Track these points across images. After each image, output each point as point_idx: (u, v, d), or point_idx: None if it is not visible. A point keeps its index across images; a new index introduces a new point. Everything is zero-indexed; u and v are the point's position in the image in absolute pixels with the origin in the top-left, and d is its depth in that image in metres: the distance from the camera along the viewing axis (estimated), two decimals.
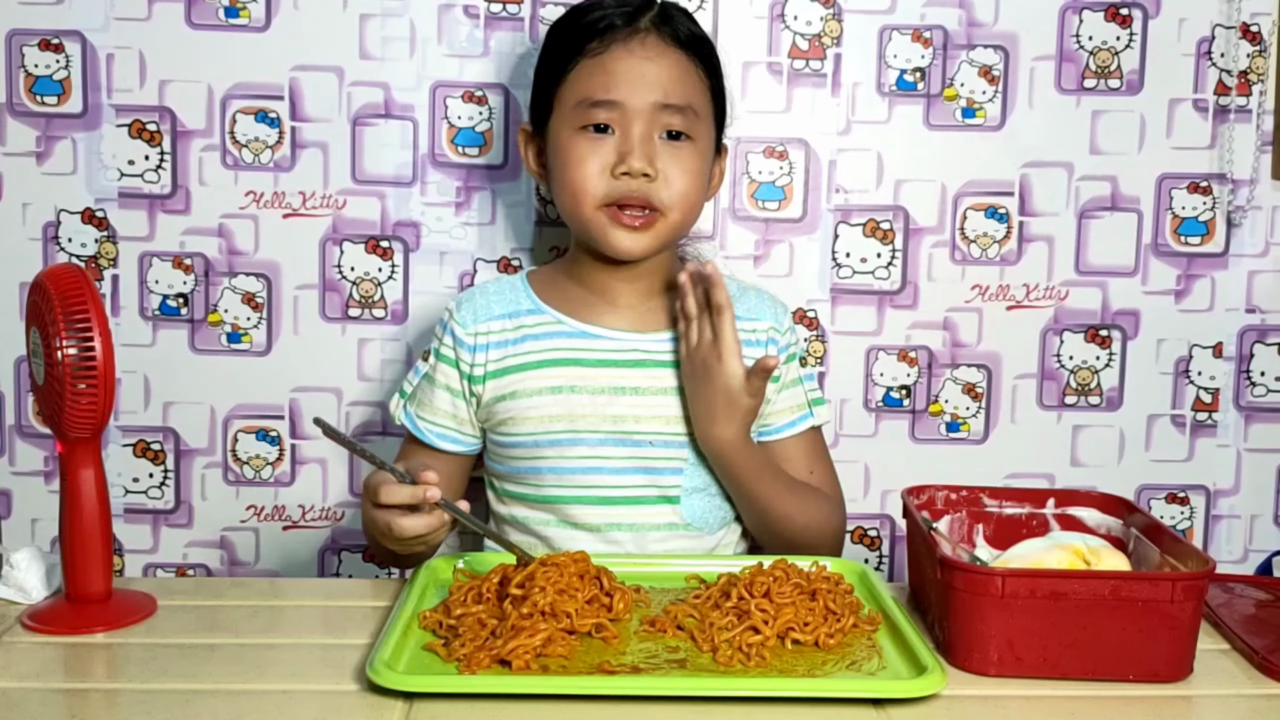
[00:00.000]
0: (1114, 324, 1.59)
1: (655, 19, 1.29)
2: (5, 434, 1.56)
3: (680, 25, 1.30)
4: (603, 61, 1.27)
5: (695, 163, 1.29)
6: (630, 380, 1.30)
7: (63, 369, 1.02)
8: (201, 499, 1.57)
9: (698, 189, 1.30)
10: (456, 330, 1.32)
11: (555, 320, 1.32)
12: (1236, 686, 0.98)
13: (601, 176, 1.26)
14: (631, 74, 1.26)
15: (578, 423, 1.28)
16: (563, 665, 0.95)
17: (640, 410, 1.29)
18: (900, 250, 1.56)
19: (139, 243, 1.53)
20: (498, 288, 1.36)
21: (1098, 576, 0.99)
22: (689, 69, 1.29)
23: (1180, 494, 1.62)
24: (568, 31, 1.31)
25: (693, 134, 1.29)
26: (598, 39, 1.27)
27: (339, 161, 1.52)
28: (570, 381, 1.29)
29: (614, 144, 1.26)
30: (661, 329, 1.33)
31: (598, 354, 1.31)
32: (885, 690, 0.93)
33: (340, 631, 1.06)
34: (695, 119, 1.29)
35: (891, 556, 1.62)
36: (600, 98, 1.26)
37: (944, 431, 1.60)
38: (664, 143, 1.27)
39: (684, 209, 1.29)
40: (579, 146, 1.27)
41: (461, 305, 1.34)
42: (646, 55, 1.27)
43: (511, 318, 1.33)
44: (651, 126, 1.27)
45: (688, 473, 1.31)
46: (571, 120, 1.28)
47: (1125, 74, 1.54)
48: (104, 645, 1.02)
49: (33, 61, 1.50)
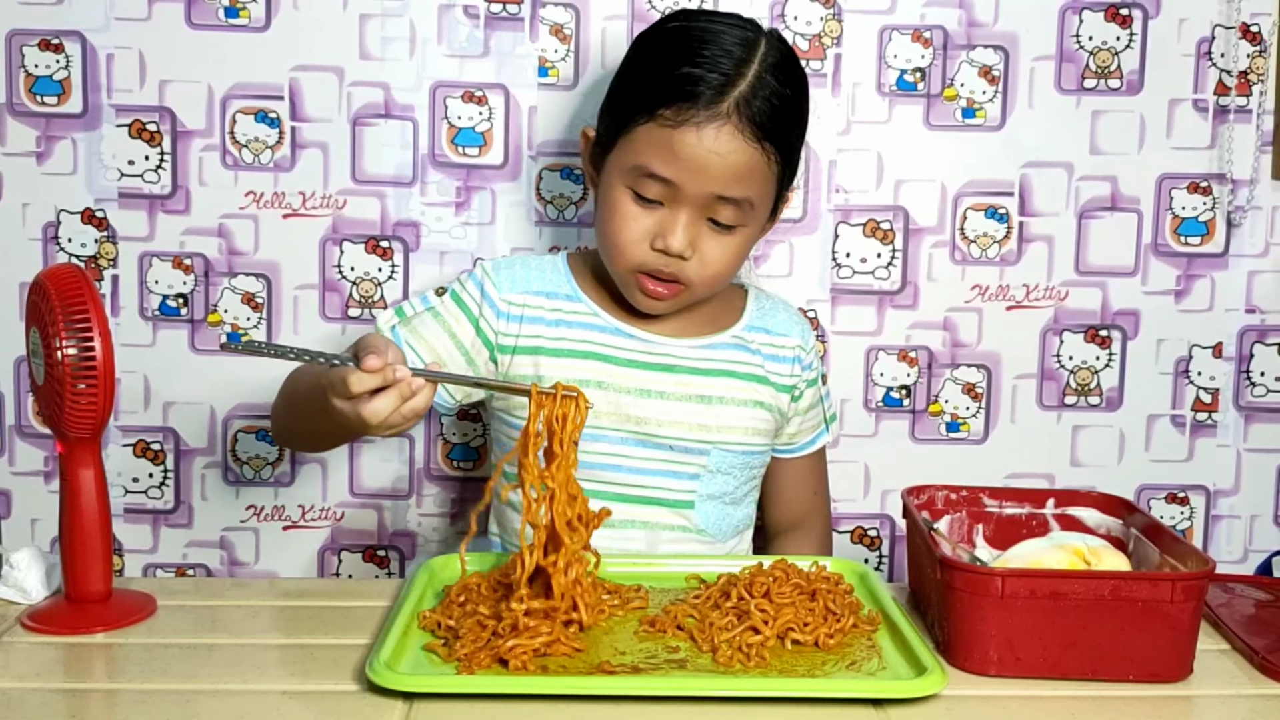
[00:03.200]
0: (1114, 324, 1.59)
1: (742, 99, 1.18)
2: (5, 434, 1.56)
3: (763, 112, 1.19)
4: (670, 138, 1.18)
5: (738, 245, 1.25)
6: (658, 384, 1.29)
7: (63, 369, 1.02)
8: (201, 499, 1.57)
9: (733, 266, 1.26)
10: (490, 290, 1.29)
11: (591, 312, 1.31)
12: (1236, 686, 0.98)
13: (640, 245, 1.23)
14: (695, 162, 1.18)
15: (601, 419, 1.26)
16: (563, 665, 0.95)
17: (664, 415, 1.28)
18: (900, 250, 1.56)
19: (139, 243, 1.53)
20: (539, 264, 1.34)
21: (1097, 576, 0.99)
22: (758, 162, 1.21)
23: (1180, 494, 1.62)
24: (652, 71, 1.22)
25: (744, 223, 1.24)
26: (675, 106, 1.18)
27: (339, 161, 1.52)
28: (599, 377, 1.28)
29: (660, 218, 1.22)
30: (692, 335, 1.32)
31: (629, 354, 1.30)
32: (885, 690, 0.93)
33: (340, 631, 1.06)
34: (750, 210, 1.23)
35: (891, 556, 1.62)
36: (658, 174, 1.20)
37: (944, 431, 1.60)
38: (710, 226, 1.23)
39: (712, 285, 1.26)
40: (627, 207, 1.23)
41: (500, 268, 1.31)
42: (717, 149, 1.18)
43: (550, 298, 1.31)
44: (702, 210, 1.21)
45: (704, 479, 1.30)
46: (627, 177, 1.22)
47: (1125, 74, 1.54)
48: (104, 645, 1.02)
49: (33, 61, 1.50)
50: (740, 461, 1.32)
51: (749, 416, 1.31)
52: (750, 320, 1.35)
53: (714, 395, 1.30)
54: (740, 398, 1.31)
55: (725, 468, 1.31)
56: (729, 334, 1.33)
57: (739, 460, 1.32)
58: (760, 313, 1.37)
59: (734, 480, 1.32)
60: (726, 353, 1.32)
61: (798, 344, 1.36)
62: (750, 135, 1.19)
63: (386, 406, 1.03)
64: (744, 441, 1.31)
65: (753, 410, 1.32)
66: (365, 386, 1.02)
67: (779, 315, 1.38)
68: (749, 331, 1.35)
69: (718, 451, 1.30)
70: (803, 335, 1.37)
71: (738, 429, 1.31)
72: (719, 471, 1.31)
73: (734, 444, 1.31)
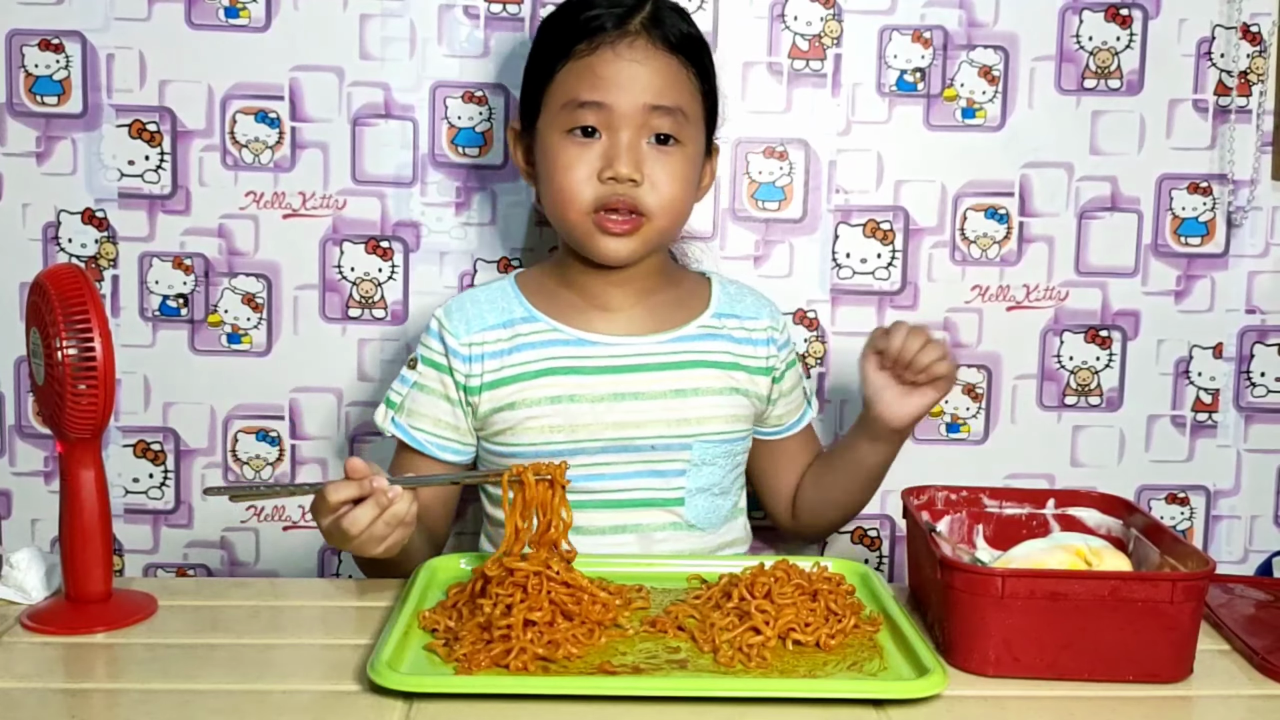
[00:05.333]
0: (1114, 324, 1.59)
1: (647, 20, 1.26)
2: (5, 434, 1.56)
3: (672, 27, 1.27)
4: (590, 63, 1.25)
5: (684, 167, 1.27)
6: (631, 385, 1.29)
7: (63, 369, 1.02)
8: (202, 499, 1.57)
9: (686, 194, 1.29)
10: (449, 340, 1.30)
11: (550, 328, 1.31)
12: (1236, 687, 0.98)
13: (589, 182, 1.25)
14: (620, 77, 1.24)
15: (579, 432, 1.27)
16: (563, 665, 0.95)
17: (642, 415, 1.28)
18: (900, 251, 1.56)
19: (139, 243, 1.53)
20: (488, 295, 1.34)
21: (1097, 577, 0.99)
22: (679, 71, 1.27)
23: (1180, 494, 1.62)
24: (557, 30, 1.29)
25: (682, 138, 1.27)
26: (586, 40, 1.25)
27: (339, 162, 1.52)
28: (570, 391, 1.28)
29: (601, 148, 1.25)
30: (658, 330, 1.32)
31: (596, 361, 1.30)
32: (886, 691, 0.93)
33: (340, 631, 1.06)
34: (685, 122, 1.27)
35: (891, 557, 1.62)
36: (587, 99, 1.24)
37: (944, 432, 1.60)
38: (652, 147, 1.25)
39: (671, 214, 1.28)
40: (566, 151, 1.25)
41: (452, 314, 1.32)
42: (635, 58, 1.24)
43: (506, 326, 1.31)
44: (640, 131, 1.25)
45: (690, 474, 1.31)
46: (559, 122, 1.26)
47: (1125, 74, 1.54)
48: (104, 645, 1.02)
49: (33, 61, 1.50)
50: (724, 450, 1.32)
51: (727, 404, 1.32)
52: (718, 307, 1.36)
53: (689, 388, 1.30)
54: (716, 386, 1.31)
55: (710, 459, 1.31)
56: (696, 324, 1.33)
57: (722, 450, 1.32)
58: (728, 298, 1.37)
59: (720, 470, 1.32)
60: (696, 343, 1.32)
61: (769, 324, 1.37)
62: (663, 45, 1.26)
63: (366, 516, 1.06)
64: (724, 430, 1.31)
65: (730, 398, 1.32)
66: (342, 496, 1.06)
67: (746, 299, 1.38)
68: (718, 318, 1.35)
69: (700, 444, 1.30)
70: (772, 316, 1.38)
71: (717, 418, 1.31)
72: (704, 464, 1.31)
73: (715, 434, 1.31)
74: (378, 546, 1.09)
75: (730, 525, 1.36)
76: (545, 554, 1.06)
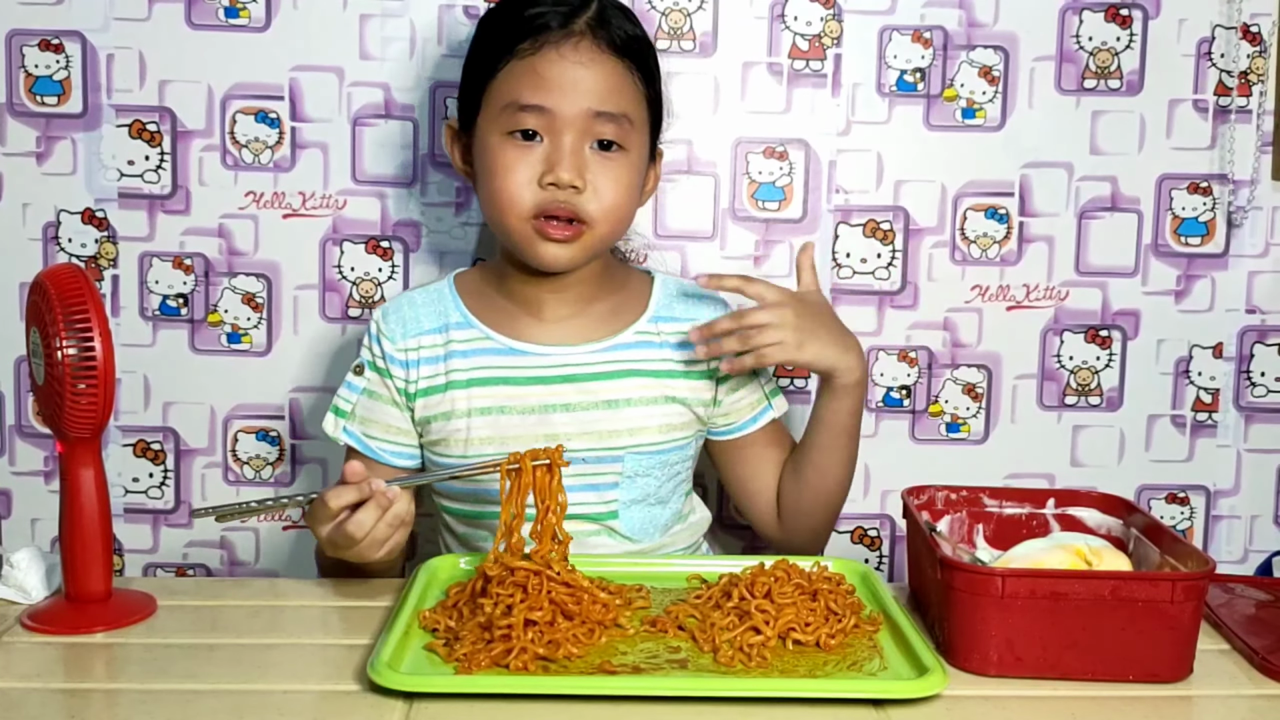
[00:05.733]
0: (1114, 324, 1.59)
1: (592, 21, 1.22)
2: (5, 434, 1.56)
3: (617, 29, 1.24)
4: (533, 64, 1.21)
5: (627, 174, 1.24)
6: (561, 397, 1.27)
7: (63, 369, 1.02)
8: (201, 499, 1.57)
9: (629, 201, 1.26)
10: (386, 345, 1.29)
11: (483, 336, 1.29)
12: (1236, 687, 0.98)
13: (529, 187, 1.21)
14: (563, 79, 1.20)
15: (509, 444, 1.22)
16: (563, 665, 0.95)
17: (572, 427, 1.26)
18: (900, 251, 1.56)
19: (139, 243, 1.53)
20: (425, 297, 1.32)
21: (1097, 577, 0.99)
22: (624, 76, 1.24)
23: (1180, 494, 1.62)
24: (499, 27, 1.25)
25: (625, 144, 1.24)
26: (530, 39, 1.21)
27: (339, 161, 1.52)
28: (500, 402, 1.26)
29: (543, 152, 1.22)
30: (591, 340, 1.29)
31: (527, 371, 1.27)
32: (886, 691, 0.93)
33: (340, 631, 1.06)
34: (629, 128, 1.24)
35: (891, 556, 1.62)
36: (529, 102, 1.21)
37: (944, 432, 1.60)
38: (595, 153, 1.22)
39: (613, 221, 1.25)
40: (506, 154, 1.22)
41: (389, 316, 1.30)
42: (580, 60, 1.21)
43: (441, 332, 1.29)
44: (583, 136, 1.22)
45: (624, 486, 1.28)
46: (499, 123, 1.23)
47: (1125, 74, 1.54)
48: (104, 645, 1.02)
49: (33, 61, 1.50)
50: (658, 461, 1.29)
51: (660, 414, 1.29)
52: (656, 310, 1.32)
53: (620, 399, 1.28)
54: (648, 396, 1.28)
55: (643, 470, 1.29)
56: (631, 331, 1.30)
57: (656, 460, 1.29)
58: (667, 300, 1.33)
59: (655, 481, 1.30)
60: (628, 352, 1.30)
61: None
62: (608, 48, 1.23)
63: (369, 518, 1.06)
64: (657, 441, 1.28)
65: (663, 407, 1.29)
66: (344, 501, 1.06)
67: (687, 299, 1.34)
68: (654, 323, 1.31)
69: (632, 456, 1.28)
70: (714, 315, 1.31)
71: (649, 429, 1.28)
72: (637, 475, 1.28)
73: (648, 445, 1.28)
74: (380, 550, 1.09)
75: (673, 534, 1.32)
76: (545, 547, 1.06)
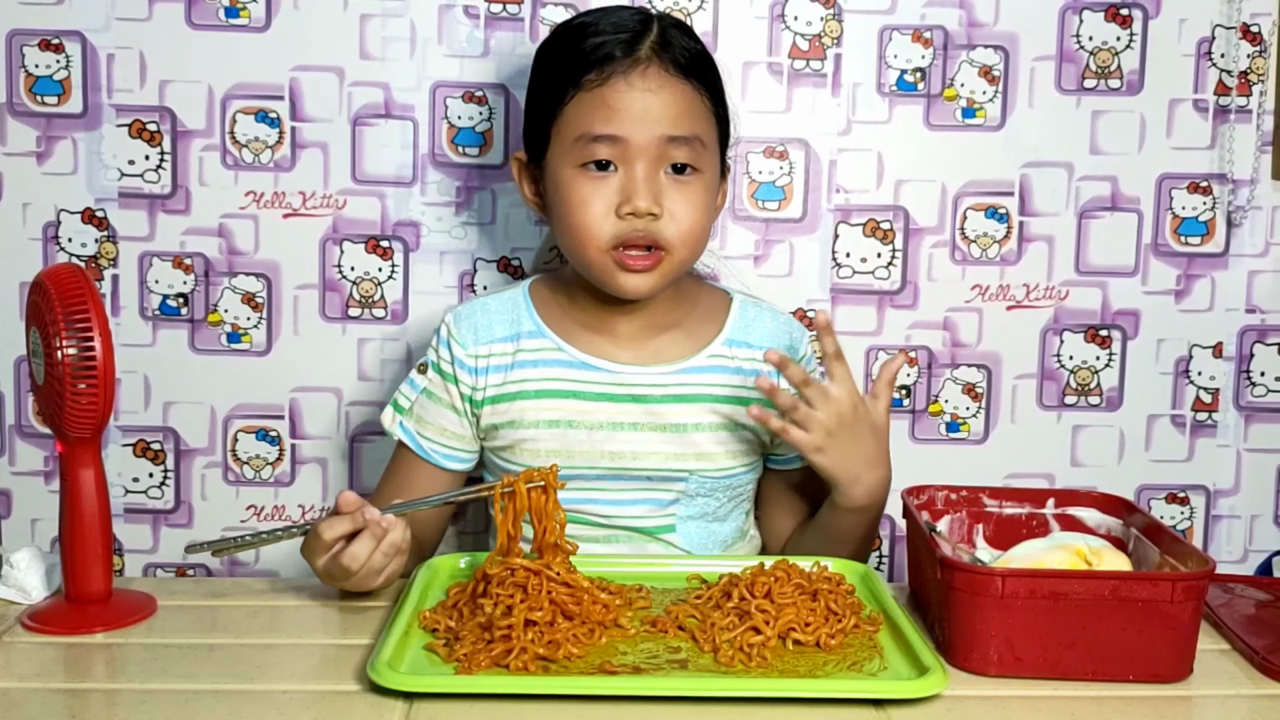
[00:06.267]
0: (1114, 324, 1.59)
1: (655, 45, 1.21)
2: (5, 434, 1.56)
3: (681, 49, 1.23)
4: (602, 95, 1.20)
5: (702, 196, 1.23)
6: (630, 416, 1.26)
7: (63, 369, 1.02)
8: (201, 499, 1.57)
9: (704, 223, 1.24)
10: (456, 350, 1.28)
11: (555, 347, 1.28)
12: (1236, 687, 0.98)
13: (607, 219, 1.20)
14: (634, 109, 1.19)
15: (574, 459, 1.24)
16: (563, 665, 0.95)
17: (639, 446, 1.26)
18: (900, 250, 1.56)
19: (139, 243, 1.53)
20: (500, 305, 1.31)
21: (1097, 576, 0.99)
22: (693, 98, 1.23)
23: (1180, 494, 1.62)
24: (562, 59, 1.24)
25: (699, 165, 1.22)
26: (595, 70, 1.20)
27: (339, 161, 1.52)
28: (568, 416, 1.26)
29: (617, 182, 1.21)
30: (663, 361, 1.28)
31: (596, 386, 1.27)
32: (886, 691, 0.93)
33: (340, 631, 1.06)
34: (701, 149, 1.23)
35: (891, 556, 1.62)
36: (602, 133, 1.20)
37: (944, 431, 1.60)
38: (669, 178, 1.21)
39: (690, 245, 1.23)
40: (581, 187, 1.21)
41: (461, 322, 1.29)
42: (649, 88, 1.20)
43: (513, 340, 1.28)
44: (656, 162, 1.21)
45: (683, 503, 1.28)
46: (571, 156, 1.22)
47: (1125, 74, 1.54)
48: (104, 645, 1.02)
49: (33, 61, 1.50)
50: (722, 484, 1.29)
51: (728, 440, 1.28)
52: (731, 334, 1.31)
53: (689, 424, 1.27)
54: (716, 423, 1.27)
55: (705, 491, 1.28)
56: (705, 354, 1.29)
57: (720, 483, 1.29)
58: (744, 324, 1.32)
59: (715, 501, 1.30)
60: (701, 376, 1.28)
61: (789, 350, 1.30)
62: (675, 72, 1.22)
63: (364, 550, 1.06)
64: (724, 466, 1.28)
65: (732, 433, 1.28)
66: (338, 532, 1.07)
67: (764, 324, 1.33)
68: (729, 347, 1.30)
69: (696, 478, 1.27)
70: (791, 341, 1.33)
71: (717, 454, 1.27)
72: (699, 495, 1.28)
73: (713, 470, 1.28)
74: (377, 579, 1.10)
75: (732, 550, 1.32)
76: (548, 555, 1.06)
